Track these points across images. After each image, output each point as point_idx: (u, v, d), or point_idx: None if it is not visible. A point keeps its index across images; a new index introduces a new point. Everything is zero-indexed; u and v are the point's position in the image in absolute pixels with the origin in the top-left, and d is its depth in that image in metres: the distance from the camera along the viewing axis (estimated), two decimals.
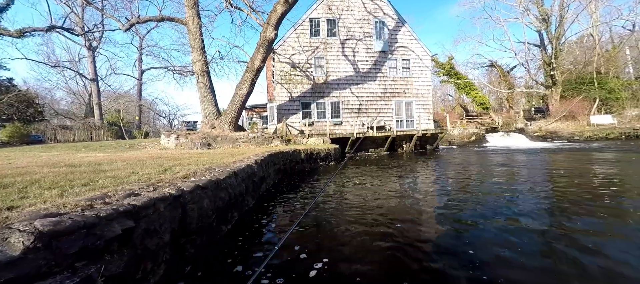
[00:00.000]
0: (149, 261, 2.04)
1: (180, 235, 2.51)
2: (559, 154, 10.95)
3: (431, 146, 17.23)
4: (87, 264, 1.46)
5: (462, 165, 8.97)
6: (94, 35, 25.18)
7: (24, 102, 21.01)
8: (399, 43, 17.25)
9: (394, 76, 17.14)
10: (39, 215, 1.45)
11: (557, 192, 4.75)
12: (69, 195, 2.15)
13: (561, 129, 21.84)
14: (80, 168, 3.78)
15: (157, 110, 38.30)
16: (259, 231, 3.48)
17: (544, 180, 5.84)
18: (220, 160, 5.37)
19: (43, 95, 29.88)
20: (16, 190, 2.29)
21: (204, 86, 13.14)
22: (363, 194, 5.26)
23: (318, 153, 10.54)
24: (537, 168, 7.53)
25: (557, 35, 25.95)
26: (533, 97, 34.64)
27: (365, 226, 3.45)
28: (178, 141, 10.92)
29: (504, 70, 33.31)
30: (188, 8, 12.89)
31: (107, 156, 6.19)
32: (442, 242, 2.89)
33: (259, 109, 27.90)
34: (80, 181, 2.79)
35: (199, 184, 2.95)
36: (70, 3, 17.27)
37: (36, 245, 1.20)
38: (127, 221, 1.79)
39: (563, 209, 3.79)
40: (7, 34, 17.16)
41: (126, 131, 25.74)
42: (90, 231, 1.49)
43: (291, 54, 15.79)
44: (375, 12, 16.88)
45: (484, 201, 4.35)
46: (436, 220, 3.61)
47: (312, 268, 2.40)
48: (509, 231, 3.08)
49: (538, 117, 28.01)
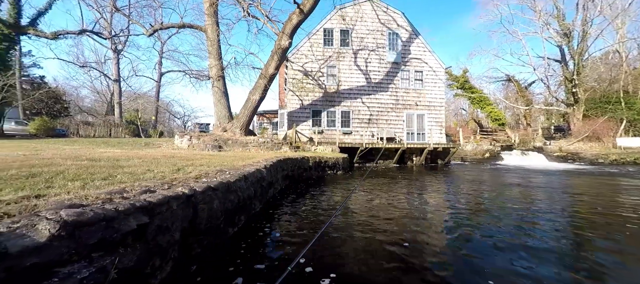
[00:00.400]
0: (159, 258, 2.12)
1: (189, 234, 2.59)
2: (581, 177, 10.40)
3: (442, 161, 16.91)
4: (103, 255, 1.55)
5: (476, 184, 8.72)
6: (119, 39, 26.56)
7: (53, 98, 22.28)
8: (412, 54, 17.24)
9: (406, 87, 17.07)
10: (64, 204, 1.56)
11: (580, 221, 4.41)
12: (90, 187, 2.29)
13: (584, 150, 20.88)
14: (100, 163, 3.98)
15: (172, 111, 39.60)
16: (264, 240, 3.47)
17: (565, 206, 5.47)
18: (230, 162, 5.50)
19: (70, 92, 31.59)
20: (43, 179, 2.45)
21: (218, 90, 13.54)
22: (371, 208, 5.22)
23: (326, 161, 10.57)
24: (557, 192, 7.11)
25: (580, 50, 25.08)
26: (553, 114, 33.49)
27: (373, 243, 3.37)
28: (191, 142, 11.24)
29: (522, 86, 32.48)
30: (208, 16, 13.44)
31: (125, 152, 6.47)
32: (452, 268, 2.74)
33: (269, 115, 28.33)
34: (100, 175, 2.95)
35: (210, 185, 3.04)
36: (101, 9, 18.38)
37: (61, 233, 1.30)
38: (142, 217, 1.88)
39: (587, 241, 3.48)
40: (44, 36, 18.42)
41: (143, 130, 26.69)
42: (109, 224, 1.59)
43: (304, 62, 16.08)
44: (389, 24, 17.01)
45: (498, 226, 4.05)
46: (447, 243, 3.44)
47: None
48: (525, 260, 2.91)
49: (558, 136, 26.99)
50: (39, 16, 18.56)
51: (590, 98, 24.93)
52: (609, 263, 2.81)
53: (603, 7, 23.98)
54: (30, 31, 17.99)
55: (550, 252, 3.08)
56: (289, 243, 3.33)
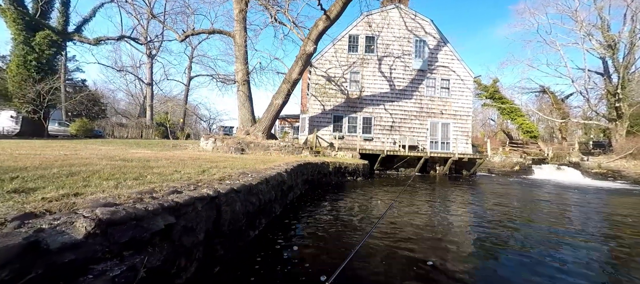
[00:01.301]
0: (184, 258, 2.14)
1: (213, 235, 2.61)
2: (625, 196, 9.47)
3: (467, 172, 16.11)
4: (133, 254, 1.57)
5: (504, 196, 8.20)
6: (154, 45, 28.32)
7: (92, 100, 24.14)
8: (439, 62, 16.74)
9: (431, 95, 16.57)
10: (100, 203, 1.61)
11: (621, 247, 4.01)
12: (122, 187, 2.37)
13: (627, 168, 19.03)
14: (132, 163, 4.17)
15: (199, 114, 41.32)
16: (283, 245, 3.44)
17: (603, 228, 5.04)
18: (252, 165, 5.56)
19: (107, 95, 34.12)
20: (81, 178, 2.59)
21: (243, 94, 13.92)
22: (392, 218, 5.04)
23: (346, 167, 10.43)
24: (596, 212, 6.55)
25: (626, 63, 23.08)
26: (591, 129, 30.94)
27: (392, 257, 3.25)
28: (215, 144, 11.60)
29: (558, 98, 30.37)
30: (237, 22, 13.95)
31: (154, 153, 6.77)
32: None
33: (291, 119, 28.69)
34: (132, 175, 3.07)
35: (233, 187, 3.07)
36: (139, 16, 19.72)
37: (95, 231, 1.33)
38: (169, 217, 1.91)
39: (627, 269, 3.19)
40: (87, 42, 20.07)
41: (171, 131, 28.06)
42: (139, 223, 1.62)
43: (327, 68, 16.14)
44: (416, 31, 16.68)
45: (527, 247, 3.80)
46: (471, 263, 3.21)
47: None
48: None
49: (597, 151, 24.85)
50: (84, 23, 20.27)
51: (636, 113, 22.88)
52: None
53: None
54: (76, 37, 19.67)
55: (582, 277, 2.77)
56: (311, 250, 3.26)
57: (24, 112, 16.99)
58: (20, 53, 16.86)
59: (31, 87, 16.54)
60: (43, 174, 2.60)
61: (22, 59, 16.91)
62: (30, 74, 16.96)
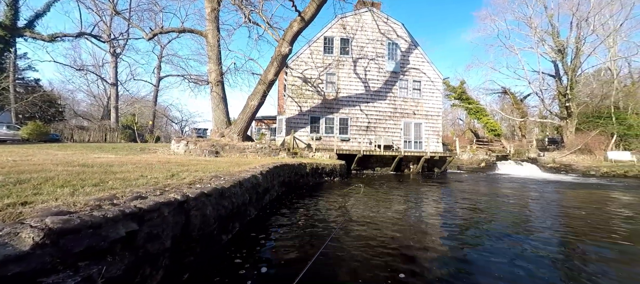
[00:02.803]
0: (149, 266, 2.06)
1: (181, 241, 2.53)
2: (575, 189, 10.45)
3: (439, 169, 16.95)
4: (90, 264, 1.49)
5: (471, 193, 8.75)
6: (118, 43, 26.57)
7: (47, 101, 22.08)
8: (410, 64, 17.44)
9: (405, 97, 17.21)
10: (51, 212, 1.51)
11: (573, 232, 4.47)
12: (79, 194, 2.23)
13: (576, 162, 21.14)
14: (93, 169, 3.91)
15: (170, 115, 39.40)
16: (257, 248, 3.44)
17: (558, 217, 5.59)
18: (226, 168, 5.44)
19: (65, 96, 31.32)
20: (31, 186, 2.39)
21: (217, 95, 13.51)
22: (367, 215, 5.19)
23: (324, 168, 10.52)
24: (551, 204, 7.22)
25: (573, 67, 25.68)
26: (547, 127, 33.93)
27: (367, 250, 3.38)
28: (187, 147, 11.14)
29: (517, 98, 32.97)
30: (209, 22, 13.52)
31: (119, 158, 6.37)
32: (443, 274, 2.80)
33: (268, 121, 28.31)
34: (92, 181, 2.88)
35: (203, 191, 2.99)
36: (101, 12, 18.39)
37: (45, 241, 1.25)
38: (131, 224, 1.83)
39: (581, 255, 3.54)
40: (41, 38, 18.35)
41: (139, 134, 26.45)
42: (96, 231, 1.54)
43: (304, 69, 16.17)
44: (388, 34, 17.25)
45: (492, 235, 4.18)
46: (440, 250, 3.49)
47: None
48: (517, 267, 2.96)
49: (552, 147, 27.29)
50: (37, 18, 18.51)
51: (583, 112, 25.49)
52: (596, 268, 2.88)
53: (596, 27, 24.72)
54: (27, 33, 17.91)
55: (545, 259, 3.09)
56: (283, 251, 3.27)
57: None
58: None
59: None
60: None
61: None
62: None
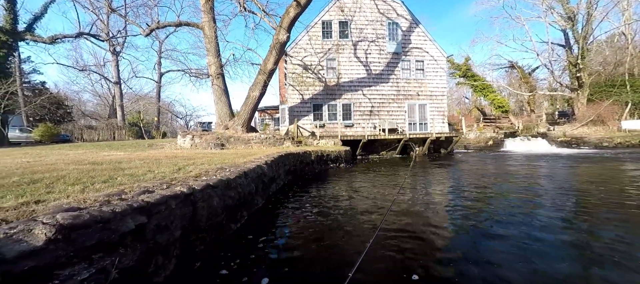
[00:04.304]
0: (161, 256, 2.15)
1: (190, 231, 2.61)
2: (587, 161, 10.26)
3: (445, 150, 16.83)
4: (103, 256, 1.57)
5: (479, 172, 8.70)
6: (117, 41, 26.53)
7: (55, 103, 22.46)
8: (412, 44, 17.01)
9: (407, 78, 16.90)
10: (62, 208, 1.57)
11: (585, 206, 4.35)
12: (89, 191, 2.31)
13: (588, 134, 20.64)
14: (102, 166, 4.01)
15: (174, 111, 39.72)
16: (265, 236, 3.53)
17: (569, 192, 5.49)
18: (231, 160, 5.51)
19: (71, 97, 31.81)
20: (44, 185, 2.48)
21: (218, 88, 13.52)
22: (372, 199, 5.24)
23: (328, 155, 10.56)
24: (561, 179, 7.12)
25: (585, 34, 24.55)
26: (557, 100, 33.03)
27: (373, 233, 3.43)
28: (193, 141, 11.29)
29: (525, 72, 31.99)
30: (204, 13, 13.34)
31: (127, 155, 6.51)
32: (453, 254, 2.84)
33: (271, 111, 28.31)
34: (101, 178, 2.97)
35: (209, 183, 3.06)
36: (97, 11, 18.30)
37: (57, 237, 1.31)
38: (140, 217, 1.90)
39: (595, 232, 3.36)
40: (41, 41, 18.47)
41: (145, 131, 26.85)
42: (106, 226, 1.60)
43: (303, 56, 15.95)
44: (388, 13, 16.75)
45: (501, 214, 4.11)
46: (448, 231, 3.50)
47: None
48: (528, 249, 2.97)
49: (562, 121, 26.66)
50: (36, 21, 18.55)
51: (595, 82, 24.58)
52: (612, 239, 2.85)
53: None
54: (28, 36, 18.03)
55: (553, 235, 3.09)
56: (291, 237, 3.36)
57: None
58: None
59: None
60: (2, 183, 2.46)
61: None
62: None
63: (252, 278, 2.38)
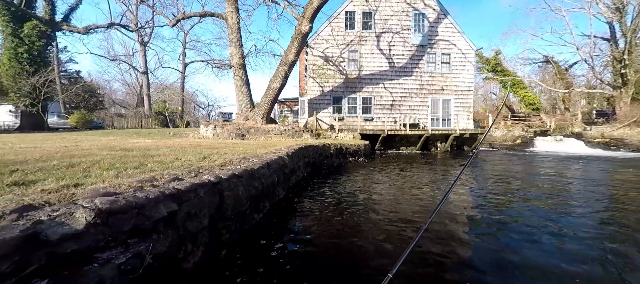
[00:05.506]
0: (190, 243, 2.17)
1: (217, 220, 2.63)
2: (627, 165, 9.45)
3: (469, 148, 16.13)
4: (138, 241, 1.58)
5: (504, 173, 8.23)
6: (145, 31, 27.55)
7: (88, 92, 23.84)
8: (439, 36, 16.25)
9: (432, 71, 16.24)
10: (99, 193, 1.60)
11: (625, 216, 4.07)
12: (123, 176, 2.36)
13: (630, 136, 18.92)
14: (133, 152, 4.16)
15: (197, 101, 40.96)
16: (287, 227, 3.52)
17: (603, 198, 5.08)
18: (253, 150, 5.55)
19: (103, 86, 33.69)
20: (81, 169, 2.57)
21: (240, 79, 13.68)
22: (392, 196, 5.08)
23: (347, 148, 10.43)
24: (596, 184, 6.58)
25: (634, 27, 22.22)
26: (595, 98, 30.54)
27: (392, 234, 3.32)
28: (215, 131, 11.56)
29: (561, 67, 29.70)
30: (228, 3, 13.44)
31: (154, 142, 6.76)
32: (475, 267, 2.67)
33: (290, 103, 28.41)
34: (133, 164, 3.05)
35: (235, 172, 3.06)
36: (127, 1, 19.01)
37: (96, 221, 1.32)
38: (171, 204, 1.90)
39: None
40: (76, 31, 19.53)
41: (170, 120, 27.95)
42: (141, 211, 1.61)
43: (324, 48, 15.74)
44: (415, 3, 16.06)
45: (528, 224, 3.88)
46: (470, 238, 3.30)
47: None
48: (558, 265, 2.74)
49: (600, 121, 24.65)
50: (71, 11, 19.60)
51: None
52: None
53: None
54: (64, 27, 19.10)
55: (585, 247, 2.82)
56: (312, 229, 3.32)
57: (22, 106, 16.90)
58: (10, 46, 16.52)
59: (26, 81, 16.32)
60: (43, 166, 2.58)
61: (13, 52, 16.59)
62: (23, 67, 16.69)
63: (278, 269, 2.35)
